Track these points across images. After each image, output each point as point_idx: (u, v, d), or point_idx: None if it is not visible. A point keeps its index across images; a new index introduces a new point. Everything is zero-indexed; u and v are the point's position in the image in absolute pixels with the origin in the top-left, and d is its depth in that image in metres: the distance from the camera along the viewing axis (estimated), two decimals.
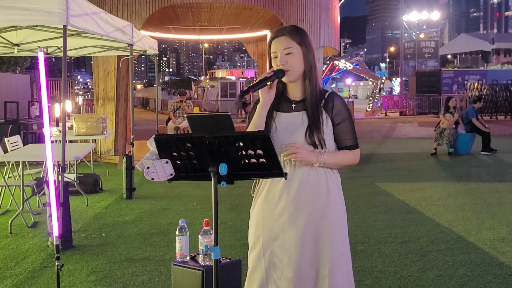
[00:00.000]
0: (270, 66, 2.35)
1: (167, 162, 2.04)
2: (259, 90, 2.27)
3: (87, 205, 6.90)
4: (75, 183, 7.22)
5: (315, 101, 2.30)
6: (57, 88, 22.36)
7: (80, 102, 35.20)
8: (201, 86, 45.81)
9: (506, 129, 20.34)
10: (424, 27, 53.76)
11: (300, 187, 2.28)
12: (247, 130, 2.30)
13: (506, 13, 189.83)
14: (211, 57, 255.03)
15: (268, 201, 2.33)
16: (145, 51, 8.49)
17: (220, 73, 69.57)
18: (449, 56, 59.99)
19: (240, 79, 45.27)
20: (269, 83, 2.25)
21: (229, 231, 5.56)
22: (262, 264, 2.33)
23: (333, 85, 65.26)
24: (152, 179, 2.04)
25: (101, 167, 9.73)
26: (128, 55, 7.77)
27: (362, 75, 33.98)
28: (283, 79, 2.32)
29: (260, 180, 2.40)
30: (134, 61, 9.66)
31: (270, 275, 2.31)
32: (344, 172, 2.40)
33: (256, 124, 2.29)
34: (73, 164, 8.08)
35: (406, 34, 50.58)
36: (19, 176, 6.16)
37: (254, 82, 2.33)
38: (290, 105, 2.35)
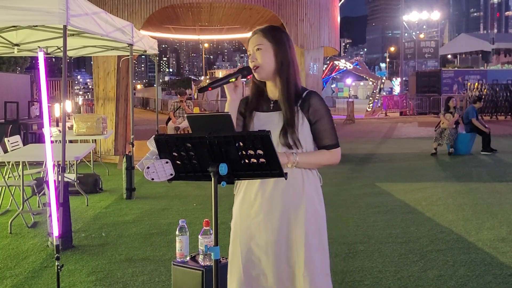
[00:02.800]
0: None
1: (167, 162, 2.04)
2: (225, 88, 2.27)
3: (87, 205, 6.90)
4: (75, 183, 7.22)
5: (287, 101, 2.27)
6: (57, 88, 22.35)
7: (80, 102, 35.19)
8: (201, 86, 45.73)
9: (506, 129, 20.34)
10: (424, 27, 53.77)
11: (275, 187, 2.27)
12: None
13: (506, 13, 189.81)
14: (211, 57, 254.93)
15: (245, 201, 2.34)
16: (145, 51, 8.48)
17: (220, 73, 69.60)
18: (449, 56, 60.05)
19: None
20: (232, 80, 2.25)
21: (229, 231, 5.54)
22: (240, 262, 2.33)
23: (333, 85, 65.20)
24: (152, 179, 2.04)
25: (101, 167, 9.73)
26: (128, 55, 7.77)
27: (362, 75, 33.99)
28: (256, 77, 2.31)
29: None
30: (134, 61, 9.66)
31: (249, 273, 2.31)
32: (344, 172, 2.39)
33: None
34: (73, 164, 8.08)
35: (406, 34, 50.58)
36: (19, 176, 6.16)
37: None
38: (268, 105, 2.34)
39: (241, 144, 1.95)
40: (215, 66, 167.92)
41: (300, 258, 2.27)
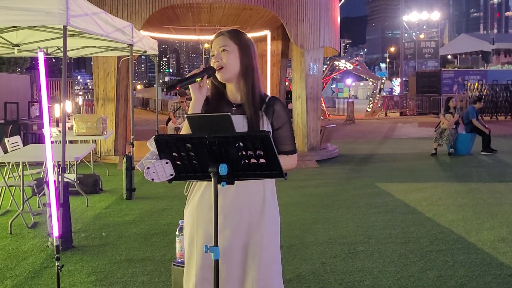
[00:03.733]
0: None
1: (167, 163, 2.04)
2: (190, 88, 2.26)
3: (87, 206, 6.90)
4: (75, 183, 7.22)
5: (252, 105, 2.28)
6: (57, 89, 22.37)
7: (80, 103, 35.17)
8: None
9: (506, 129, 20.34)
10: (424, 27, 53.82)
11: (237, 191, 2.27)
12: (184, 127, 2.26)
13: (506, 13, 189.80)
14: None
15: (203, 203, 2.33)
16: (145, 52, 8.48)
17: None
18: (449, 57, 60.03)
19: None
20: (198, 79, 2.24)
21: None
22: (195, 263, 2.32)
23: (333, 85, 65.18)
24: (152, 179, 2.04)
25: (101, 168, 9.73)
26: (128, 56, 7.77)
27: (362, 75, 34.00)
28: (218, 77, 2.31)
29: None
30: (134, 61, 9.66)
31: (203, 277, 2.30)
32: (344, 172, 2.39)
33: None
34: (73, 164, 8.08)
35: (406, 35, 50.62)
36: (19, 176, 6.16)
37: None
38: (230, 108, 2.33)
39: (241, 144, 1.95)
40: None
41: (256, 263, 2.27)
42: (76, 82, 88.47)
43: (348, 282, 4.12)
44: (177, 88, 2.21)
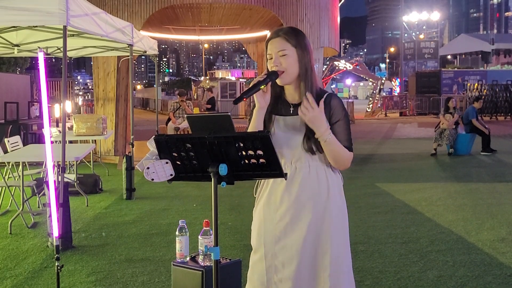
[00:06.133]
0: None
1: (167, 163, 2.04)
2: (254, 95, 2.23)
3: (87, 206, 6.90)
4: (75, 183, 7.22)
5: None
6: (57, 89, 22.36)
7: (80, 103, 35.15)
8: (201, 87, 45.85)
9: (506, 129, 20.34)
10: (424, 27, 53.83)
11: (301, 189, 2.26)
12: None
13: (506, 13, 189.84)
14: (211, 57, 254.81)
15: (269, 204, 2.32)
16: (145, 52, 8.48)
17: (220, 74, 69.77)
18: (449, 57, 60.09)
19: (240, 79, 45.24)
20: (263, 86, 2.20)
21: (229, 231, 5.56)
22: (263, 266, 2.32)
23: (333, 85, 65.30)
24: (152, 179, 2.04)
25: (101, 168, 9.73)
26: (128, 56, 7.77)
27: (362, 76, 34.01)
28: (278, 82, 2.28)
29: (262, 181, 2.38)
30: (134, 61, 9.66)
31: (271, 278, 2.30)
32: (344, 173, 2.38)
33: (254, 129, 2.27)
34: (73, 164, 8.08)
35: (406, 35, 50.64)
36: (19, 176, 6.15)
37: (248, 86, 2.29)
38: (288, 109, 2.31)
39: (241, 144, 1.96)
40: (215, 67, 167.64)
41: (327, 259, 2.27)
42: (76, 82, 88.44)
43: None
44: (244, 99, 2.17)
